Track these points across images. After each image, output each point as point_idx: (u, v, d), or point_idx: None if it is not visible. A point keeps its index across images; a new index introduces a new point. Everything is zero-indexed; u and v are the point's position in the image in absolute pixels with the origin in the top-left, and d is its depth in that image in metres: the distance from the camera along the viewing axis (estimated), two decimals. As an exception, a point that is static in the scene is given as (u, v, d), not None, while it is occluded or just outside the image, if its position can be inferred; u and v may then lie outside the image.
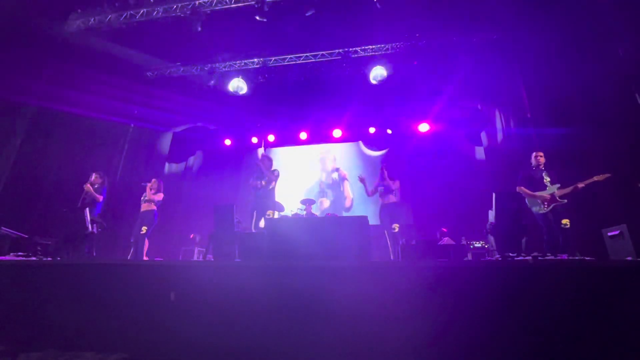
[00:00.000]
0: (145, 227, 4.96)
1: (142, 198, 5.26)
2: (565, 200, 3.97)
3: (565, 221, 3.80)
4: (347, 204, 8.20)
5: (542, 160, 4.24)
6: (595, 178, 3.82)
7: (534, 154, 4.32)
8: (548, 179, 4.09)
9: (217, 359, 2.21)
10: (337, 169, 8.61)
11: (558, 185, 4.02)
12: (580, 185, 3.86)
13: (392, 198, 4.95)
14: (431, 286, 2.16)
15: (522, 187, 4.13)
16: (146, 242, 5.02)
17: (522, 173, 4.28)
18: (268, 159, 5.22)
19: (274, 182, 5.07)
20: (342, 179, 8.44)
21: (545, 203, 3.97)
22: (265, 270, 2.46)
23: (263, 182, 4.99)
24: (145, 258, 4.90)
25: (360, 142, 8.67)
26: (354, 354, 2.07)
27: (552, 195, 3.98)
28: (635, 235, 3.00)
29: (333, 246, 2.73)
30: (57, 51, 5.79)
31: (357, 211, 7.96)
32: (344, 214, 7.96)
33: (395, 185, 5.00)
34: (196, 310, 2.36)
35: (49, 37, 5.63)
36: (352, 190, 8.28)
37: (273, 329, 2.20)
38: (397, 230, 4.65)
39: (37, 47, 5.57)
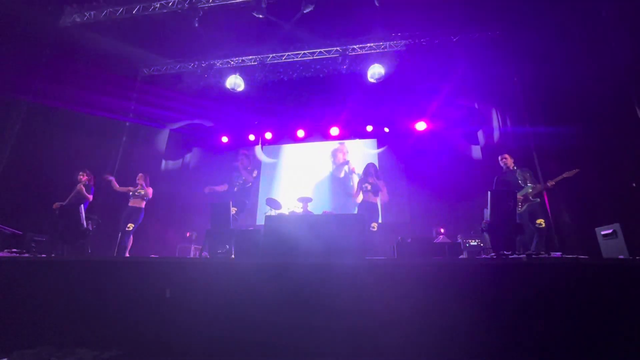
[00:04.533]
0: (132, 225, 4.93)
1: (130, 193, 5.23)
2: (538, 200, 4.04)
3: (539, 221, 3.86)
4: (359, 199, 8.17)
5: (510, 161, 4.33)
6: (565, 175, 3.87)
7: (499, 157, 4.40)
8: (522, 179, 4.15)
9: (213, 356, 2.21)
10: (347, 162, 8.59)
11: (532, 184, 4.09)
12: (550, 183, 3.92)
13: (375, 198, 4.95)
14: (427, 283, 2.17)
15: None
16: (130, 239, 5.00)
17: (496, 178, 4.37)
18: (246, 158, 5.30)
19: (250, 183, 5.23)
20: (352, 172, 8.42)
21: (520, 204, 4.03)
22: (261, 267, 2.46)
23: (228, 186, 5.16)
24: (127, 255, 4.87)
25: (358, 140, 8.67)
26: (352, 351, 2.08)
27: (526, 195, 4.04)
28: (628, 234, 3.03)
29: (330, 244, 2.73)
30: (51, 46, 5.72)
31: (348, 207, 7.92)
32: (356, 209, 7.94)
33: (381, 184, 4.98)
34: (192, 307, 2.36)
35: (43, 32, 5.56)
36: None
37: (270, 326, 2.21)
38: (375, 229, 4.67)
39: (31, 42, 5.50)
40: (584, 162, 4.01)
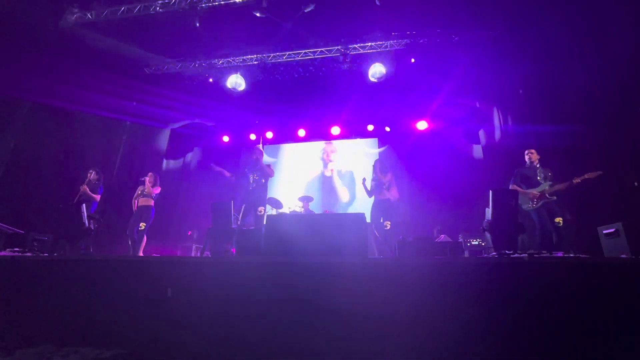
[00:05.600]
0: (144, 224, 4.96)
1: (139, 192, 5.25)
2: (555, 197, 4.01)
3: (558, 219, 3.83)
4: (345, 199, 8.21)
5: (535, 157, 4.29)
6: (587, 175, 3.84)
7: (526, 151, 4.38)
8: (542, 176, 4.13)
9: (214, 355, 2.22)
10: (330, 161, 8.64)
11: (550, 182, 4.06)
12: (576, 180, 3.88)
13: (386, 194, 4.73)
14: (428, 283, 2.17)
15: (514, 185, 4.18)
16: (144, 238, 5.03)
17: (516, 171, 4.34)
18: (261, 153, 5.24)
19: (264, 179, 5.04)
20: (331, 172, 8.50)
21: (535, 200, 4.01)
22: (263, 266, 2.46)
23: (255, 176, 4.95)
24: (141, 254, 4.90)
25: (359, 140, 8.67)
26: (353, 351, 2.08)
27: (542, 192, 4.02)
28: (630, 233, 3.02)
29: (331, 243, 2.73)
30: (53, 46, 5.73)
31: (358, 207, 7.95)
32: (349, 209, 7.95)
33: (387, 178, 4.78)
34: (193, 306, 2.36)
35: (44, 32, 5.57)
36: (345, 186, 8.32)
37: (271, 325, 2.21)
38: (388, 227, 4.52)
39: (32, 42, 5.51)
40: (586, 160, 4.00)
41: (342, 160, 8.61)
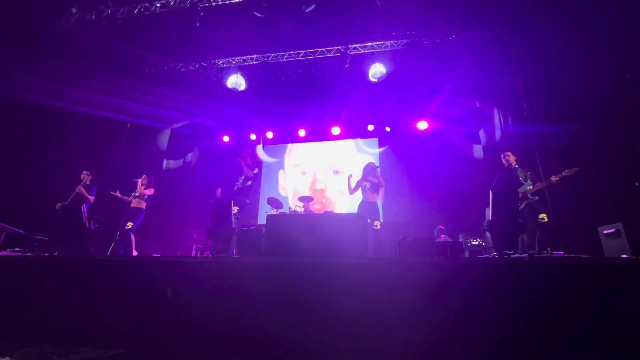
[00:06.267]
0: (131, 223, 4.99)
1: (132, 194, 5.28)
2: (537, 197, 4.03)
3: (542, 215, 3.84)
4: (337, 198, 8.26)
5: (512, 159, 4.35)
6: (564, 173, 3.86)
7: (502, 154, 4.41)
8: (522, 177, 4.16)
9: (214, 355, 2.21)
10: (322, 161, 8.73)
11: (531, 182, 4.09)
12: (555, 178, 3.90)
13: (376, 197, 4.81)
14: (429, 282, 2.17)
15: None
16: (132, 237, 5.05)
17: (498, 174, 4.37)
18: (250, 156, 5.36)
19: (250, 181, 5.26)
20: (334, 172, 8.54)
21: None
22: (263, 267, 2.46)
23: (240, 181, 5.14)
24: (134, 253, 4.93)
25: (359, 140, 8.67)
26: (353, 351, 2.08)
27: (524, 193, 4.04)
28: (631, 233, 3.01)
29: (332, 243, 2.73)
30: (53, 46, 5.74)
31: (351, 206, 7.93)
32: (343, 209, 7.96)
33: (382, 182, 4.89)
34: (193, 306, 2.36)
35: (45, 32, 5.57)
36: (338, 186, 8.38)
37: (271, 325, 2.21)
38: (379, 227, 4.57)
39: (33, 42, 5.51)
40: (586, 160, 4.00)
41: (339, 160, 8.61)
